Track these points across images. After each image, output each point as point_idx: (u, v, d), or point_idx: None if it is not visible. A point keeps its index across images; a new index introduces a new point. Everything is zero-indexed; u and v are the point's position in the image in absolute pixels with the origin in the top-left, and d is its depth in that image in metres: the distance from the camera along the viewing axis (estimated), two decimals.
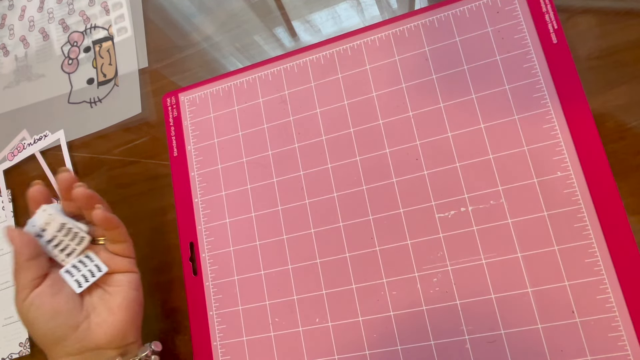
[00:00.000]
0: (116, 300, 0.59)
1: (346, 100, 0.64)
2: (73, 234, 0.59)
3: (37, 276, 0.56)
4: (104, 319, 0.58)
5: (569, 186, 0.54)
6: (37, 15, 0.88)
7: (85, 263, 0.59)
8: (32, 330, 0.56)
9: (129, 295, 0.60)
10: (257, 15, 0.74)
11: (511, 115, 0.58)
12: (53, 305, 0.55)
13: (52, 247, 0.58)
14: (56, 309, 0.55)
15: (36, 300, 0.55)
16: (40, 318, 0.55)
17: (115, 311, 0.58)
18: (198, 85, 0.72)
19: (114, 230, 0.60)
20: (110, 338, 0.57)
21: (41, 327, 0.55)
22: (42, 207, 0.58)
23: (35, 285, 0.55)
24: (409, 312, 0.57)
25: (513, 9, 0.60)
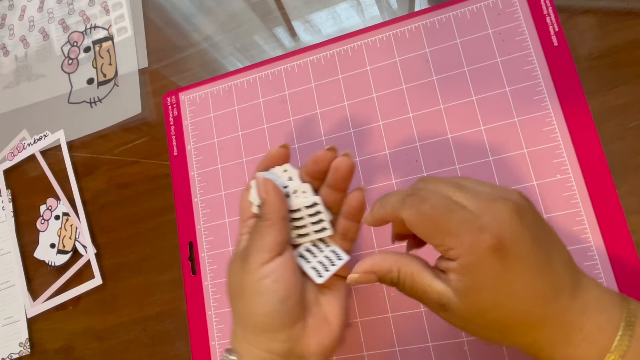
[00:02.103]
0: (332, 307, 0.50)
1: (346, 101, 0.64)
2: (318, 219, 0.49)
3: (282, 241, 0.47)
4: (319, 326, 0.48)
5: (568, 189, 0.54)
6: (37, 15, 0.87)
7: (321, 247, 0.50)
8: (251, 303, 0.46)
9: (344, 303, 0.51)
10: (257, 15, 0.74)
11: (511, 118, 0.57)
12: (290, 285, 0.46)
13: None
14: (291, 291, 0.46)
15: (278, 270, 0.46)
16: (272, 294, 0.46)
17: (330, 320, 0.49)
18: (198, 85, 0.72)
19: (357, 223, 0.51)
20: (320, 351, 0.48)
21: (267, 304, 0.45)
22: (284, 167, 0.51)
23: (278, 252, 0.47)
24: (408, 314, 0.57)
25: (514, 10, 0.60)
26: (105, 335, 0.71)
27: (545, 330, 0.39)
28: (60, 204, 0.76)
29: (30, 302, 0.74)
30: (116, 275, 0.72)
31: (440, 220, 0.39)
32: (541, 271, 0.39)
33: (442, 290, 0.40)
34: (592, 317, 0.39)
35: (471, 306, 0.39)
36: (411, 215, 0.40)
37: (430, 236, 0.40)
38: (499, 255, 0.37)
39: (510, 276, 0.38)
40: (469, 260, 0.38)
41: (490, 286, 0.38)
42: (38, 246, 0.76)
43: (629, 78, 0.57)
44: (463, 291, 0.39)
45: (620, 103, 0.56)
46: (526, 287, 0.38)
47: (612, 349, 0.37)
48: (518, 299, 0.38)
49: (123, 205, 0.74)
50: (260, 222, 0.47)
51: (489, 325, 0.40)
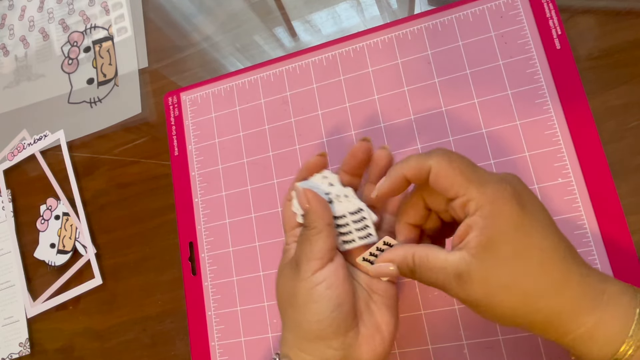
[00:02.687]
0: (383, 315, 0.48)
1: (348, 102, 0.64)
2: (363, 225, 0.49)
3: (331, 247, 0.47)
4: (371, 334, 0.47)
5: (569, 193, 0.54)
6: (37, 15, 0.87)
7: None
8: (305, 311, 0.46)
9: (395, 312, 0.50)
10: (257, 15, 0.74)
11: (513, 121, 0.57)
12: (343, 291, 0.46)
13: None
14: (344, 298, 0.46)
15: (330, 277, 0.46)
16: (326, 301, 0.45)
17: (382, 328, 0.48)
18: (200, 85, 0.72)
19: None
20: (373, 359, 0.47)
21: (321, 312, 0.45)
22: (323, 173, 0.51)
23: (328, 258, 0.46)
24: (408, 316, 0.57)
25: (517, 13, 0.60)
26: (105, 335, 0.71)
27: (570, 291, 0.38)
28: (60, 204, 0.76)
29: (30, 302, 0.74)
30: (116, 275, 0.72)
31: (467, 169, 0.40)
32: (556, 231, 0.40)
33: (459, 257, 0.40)
34: (609, 281, 0.39)
35: (491, 262, 0.39)
36: (440, 162, 0.41)
37: (454, 184, 0.40)
38: (519, 204, 0.39)
39: (530, 227, 0.39)
40: (491, 209, 0.39)
41: (512, 235, 0.39)
42: (38, 246, 0.76)
43: (629, 78, 0.57)
44: (484, 246, 0.39)
45: (620, 103, 0.56)
46: (544, 239, 0.39)
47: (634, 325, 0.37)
48: (538, 251, 0.39)
49: (123, 205, 0.74)
50: (306, 230, 0.47)
51: (510, 287, 0.39)
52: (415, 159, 0.43)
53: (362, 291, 0.49)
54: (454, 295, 0.41)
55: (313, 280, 0.45)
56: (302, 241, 0.47)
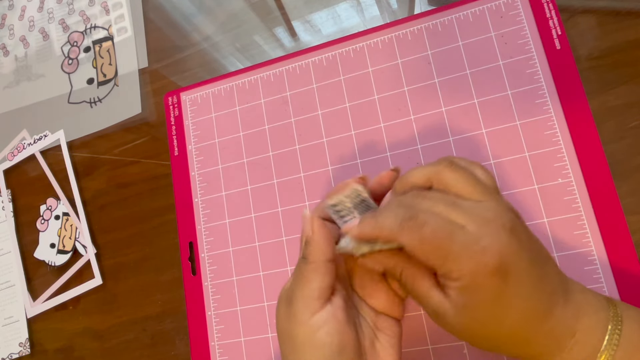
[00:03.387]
0: (388, 355, 0.45)
1: (348, 102, 0.64)
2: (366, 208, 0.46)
3: (329, 285, 0.43)
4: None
5: (569, 193, 0.54)
6: (37, 15, 0.87)
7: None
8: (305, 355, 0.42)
9: (399, 349, 0.47)
10: (257, 15, 0.74)
11: (513, 121, 0.57)
12: (345, 335, 0.42)
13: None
14: (347, 342, 0.42)
15: (331, 321, 0.42)
16: (328, 347, 0.41)
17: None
18: (200, 85, 0.72)
19: None
20: None
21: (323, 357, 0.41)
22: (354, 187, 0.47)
23: (326, 297, 0.43)
24: (408, 316, 0.57)
25: (517, 14, 0.60)
26: (105, 335, 0.71)
27: (541, 342, 0.40)
28: (60, 204, 0.76)
29: (30, 302, 0.74)
30: (116, 275, 0.72)
31: (442, 244, 0.38)
32: (538, 288, 0.39)
33: (440, 300, 0.40)
34: (583, 321, 0.40)
35: (468, 321, 0.39)
36: (413, 241, 0.39)
37: (431, 260, 0.39)
38: (500, 276, 0.38)
39: (510, 296, 0.38)
40: (470, 282, 0.38)
41: (490, 305, 0.38)
42: (38, 246, 0.76)
43: (629, 78, 0.57)
44: (462, 307, 0.39)
45: (620, 103, 0.56)
46: (524, 304, 0.39)
47: (603, 348, 0.39)
48: (516, 316, 0.39)
49: (123, 205, 0.74)
50: (304, 264, 0.44)
51: (484, 338, 0.41)
52: (388, 228, 0.40)
53: (368, 329, 0.46)
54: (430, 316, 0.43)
55: (312, 325, 0.42)
56: (297, 276, 0.44)
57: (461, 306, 0.39)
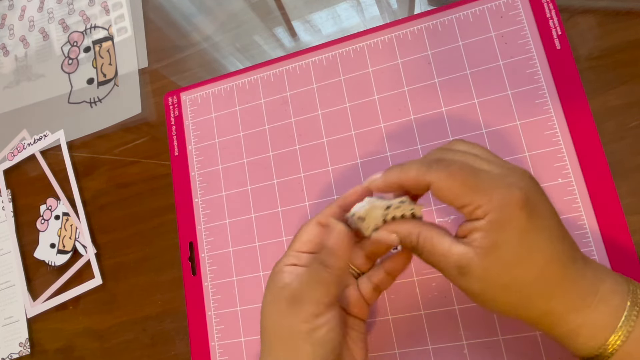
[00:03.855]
0: (357, 346, 0.49)
1: (348, 102, 0.64)
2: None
3: (338, 295, 0.46)
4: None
5: (569, 193, 0.54)
6: (37, 15, 0.87)
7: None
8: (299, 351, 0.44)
9: (366, 341, 0.51)
10: (257, 15, 0.74)
11: (513, 121, 0.57)
12: (340, 334, 0.46)
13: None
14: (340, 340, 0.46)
15: (333, 320, 0.45)
16: (326, 344, 0.44)
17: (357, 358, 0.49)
18: (200, 85, 0.72)
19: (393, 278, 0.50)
20: None
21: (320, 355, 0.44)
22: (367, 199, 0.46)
23: (331, 305, 0.45)
24: (408, 316, 0.57)
25: (517, 14, 0.60)
26: (105, 335, 0.71)
27: (564, 295, 0.40)
28: (60, 204, 0.76)
29: (30, 302, 0.74)
30: (116, 275, 0.72)
31: (469, 179, 0.40)
32: (561, 234, 0.41)
33: (462, 251, 0.40)
34: (605, 283, 0.40)
35: (493, 263, 0.40)
36: (440, 177, 0.41)
37: (459, 196, 0.40)
38: (527, 210, 0.39)
39: (535, 233, 0.39)
40: (498, 215, 0.39)
41: (517, 241, 0.39)
42: (38, 246, 0.76)
43: (629, 78, 0.57)
44: (488, 248, 0.39)
45: (620, 103, 0.56)
46: (548, 245, 0.40)
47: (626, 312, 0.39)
48: (540, 257, 0.39)
49: (123, 205, 0.74)
50: (322, 269, 0.45)
51: (508, 286, 0.40)
52: (415, 170, 0.42)
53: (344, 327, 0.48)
54: (452, 281, 0.43)
55: (316, 323, 0.44)
56: (312, 279, 0.45)
57: (487, 247, 0.39)
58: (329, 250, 0.45)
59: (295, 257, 0.48)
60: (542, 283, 0.40)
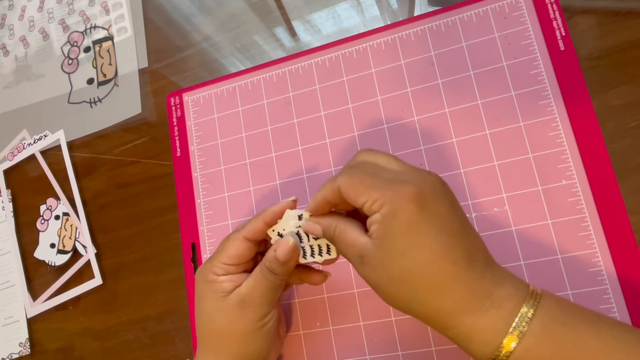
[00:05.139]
0: (282, 326, 0.60)
1: (351, 103, 0.64)
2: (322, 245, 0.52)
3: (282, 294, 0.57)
4: (276, 343, 0.58)
5: (573, 195, 0.54)
6: (37, 15, 0.87)
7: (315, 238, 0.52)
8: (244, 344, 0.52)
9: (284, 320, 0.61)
10: (257, 15, 0.74)
11: (517, 122, 0.58)
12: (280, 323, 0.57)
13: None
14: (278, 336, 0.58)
15: (275, 315, 0.54)
16: (272, 333, 0.54)
17: (281, 335, 0.60)
18: (202, 86, 0.72)
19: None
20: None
21: (268, 342, 0.54)
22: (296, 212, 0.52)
23: (276, 303, 0.54)
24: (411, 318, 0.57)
25: (521, 14, 0.60)
26: (105, 335, 0.71)
27: (454, 294, 0.41)
28: (60, 204, 0.76)
29: (30, 302, 0.74)
30: (116, 275, 0.72)
31: (367, 178, 0.44)
32: (458, 232, 0.42)
33: (364, 242, 0.43)
34: (502, 287, 0.41)
35: (384, 253, 0.42)
36: (344, 179, 0.45)
37: (359, 194, 0.43)
38: (417, 203, 0.41)
39: (424, 226, 0.41)
40: (389, 207, 0.41)
41: (405, 233, 0.41)
42: (38, 246, 0.76)
43: (629, 78, 0.57)
44: (380, 238, 0.42)
45: (620, 103, 0.57)
46: (436, 240, 0.41)
47: (520, 316, 0.39)
48: (427, 251, 0.41)
49: (123, 205, 0.73)
50: (274, 277, 0.51)
51: (397, 278, 0.42)
52: (329, 184, 0.47)
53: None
54: (358, 273, 0.45)
55: (265, 321, 0.52)
56: (264, 285, 0.51)
57: (380, 238, 0.42)
58: (280, 262, 0.50)
59: (223, 269, 0.53)
60: (430, 278, 0.41)
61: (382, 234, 0.42)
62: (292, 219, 0.52)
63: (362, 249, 0.43)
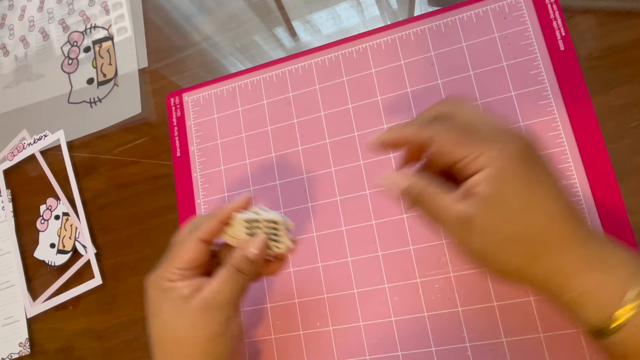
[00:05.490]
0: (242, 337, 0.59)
1: (351, 103, 0.64)
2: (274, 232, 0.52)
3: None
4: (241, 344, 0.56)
5: (573, 195, 0.55)
6: (37, 15, 0.87)
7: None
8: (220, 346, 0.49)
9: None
10: (257, 15, 0.74)
11: (517, 122, 0.58)
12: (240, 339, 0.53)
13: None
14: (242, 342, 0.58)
15: (238, 324, 0.51)
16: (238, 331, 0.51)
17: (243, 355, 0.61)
18: (202, 86, 0.72)
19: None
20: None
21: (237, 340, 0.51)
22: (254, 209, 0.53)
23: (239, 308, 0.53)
24: (411, 318, 0.58)
25: (520, 15, 0.60)
26: (105, 335, 0.71)
27: (570, 253, 0.39)
28: (60, 204, 0.76)
29: (30, 302, 0.74)
30: (116, 275, 0.72)
31: (469, 130, 0.41)
32: (563, 194, 0.40)
33: (464, 206, 0.40)
34: (614, 252, 0.40)
35: (496, 215, 0.40)
36: (440, 130, 0.42)
37: (459, 146, 0.41)
38: (528, 162, 0.40)
39: (536, 185, 0.39)
40: (498, 165, 0.39)
41: (518, 192, 0.39)
42: (38, 246, 0.76)
43: (629, 78, 0.57)
44: (489, 198, 0.39)
45: (620, 103, 0.57)
46: (550, 200, 0.39)
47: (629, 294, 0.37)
48: (542, 211, 0.39)
49: (123, 205, 0.73)
50: (242, 277, 0.50)
51: (510, 240, 0.40)
52: (417, 126, 0.44)
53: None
54: (452, 239, 0.43)
55: (231, 325, 0.49)
56: (230, 287, 0.49)
57: (489, 199, 0.39)
58: (249, 261, 0.50)
59: (179, 274, 0.50)
60: (547, 237, 0.39)
61: (491, 194, 0.39)
62: (241, 222, 0.51)
63: (464, 212, 0.40)
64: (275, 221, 0.51)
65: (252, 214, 0.52)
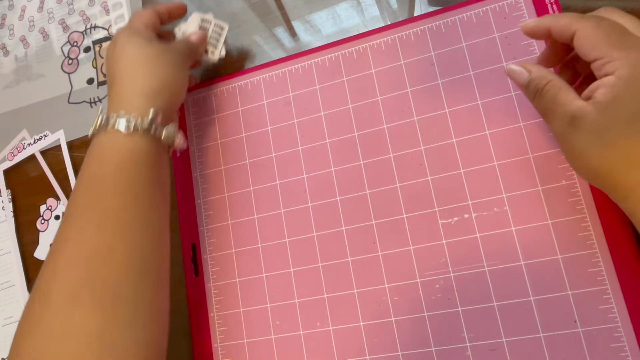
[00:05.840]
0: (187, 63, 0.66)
1: (351, 103, 0.64)
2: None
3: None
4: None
5: (573, 195, 0.54)
6: (37, 15, 0.87)
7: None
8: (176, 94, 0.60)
9: None
10: (257, 15, 0.74)
11: (517, 122, 0.57)
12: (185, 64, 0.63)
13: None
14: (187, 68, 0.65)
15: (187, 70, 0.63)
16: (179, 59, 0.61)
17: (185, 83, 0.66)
18: (202, 86, 0.72)
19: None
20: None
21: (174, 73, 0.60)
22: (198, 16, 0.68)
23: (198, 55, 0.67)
24: (411, 318, 0.57)
25: (520, 15, 0.60)
26: None
27: None
28: (60, 204, 0.76)
29: None
30: None
31: (613, 35, 0.42)
32: None
33: (581, 105, 0.43)
34: None
35: (608, 119, 0.41)
36: (588, 27, 0.43)
37: (597, 47, 0.42)
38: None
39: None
40: (628, 71, 0.40)
41: (631, 103, 0.40)
42: (38, 246, 0.76)
43: None
44: (608, 102, 0.41)
45: None
46: None
47: None
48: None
49: None
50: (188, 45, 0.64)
51: (614, 143, 0.42)
52: (569, 18, 0.45)
53: None
54: (556, 132, 0.46)
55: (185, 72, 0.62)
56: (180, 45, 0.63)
57: (607, 102, 0.41)
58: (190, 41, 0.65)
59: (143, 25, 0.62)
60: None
61: (610, 97, 0.41)
62: (196, 21, 0.67)
63: (577, 110, 0.43)
64: (222, 27, 0.68)
65: (209, 15, 0.68)
